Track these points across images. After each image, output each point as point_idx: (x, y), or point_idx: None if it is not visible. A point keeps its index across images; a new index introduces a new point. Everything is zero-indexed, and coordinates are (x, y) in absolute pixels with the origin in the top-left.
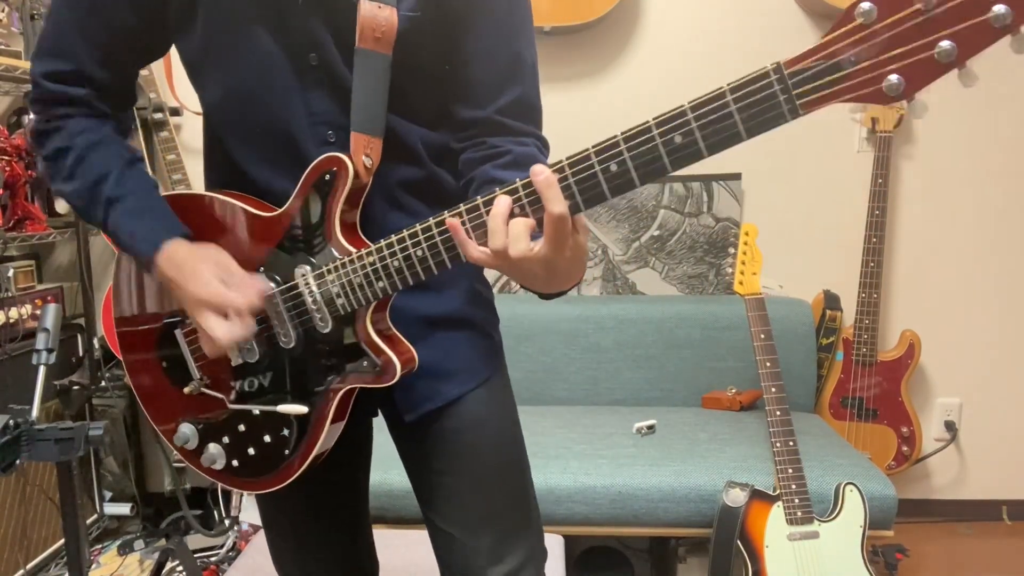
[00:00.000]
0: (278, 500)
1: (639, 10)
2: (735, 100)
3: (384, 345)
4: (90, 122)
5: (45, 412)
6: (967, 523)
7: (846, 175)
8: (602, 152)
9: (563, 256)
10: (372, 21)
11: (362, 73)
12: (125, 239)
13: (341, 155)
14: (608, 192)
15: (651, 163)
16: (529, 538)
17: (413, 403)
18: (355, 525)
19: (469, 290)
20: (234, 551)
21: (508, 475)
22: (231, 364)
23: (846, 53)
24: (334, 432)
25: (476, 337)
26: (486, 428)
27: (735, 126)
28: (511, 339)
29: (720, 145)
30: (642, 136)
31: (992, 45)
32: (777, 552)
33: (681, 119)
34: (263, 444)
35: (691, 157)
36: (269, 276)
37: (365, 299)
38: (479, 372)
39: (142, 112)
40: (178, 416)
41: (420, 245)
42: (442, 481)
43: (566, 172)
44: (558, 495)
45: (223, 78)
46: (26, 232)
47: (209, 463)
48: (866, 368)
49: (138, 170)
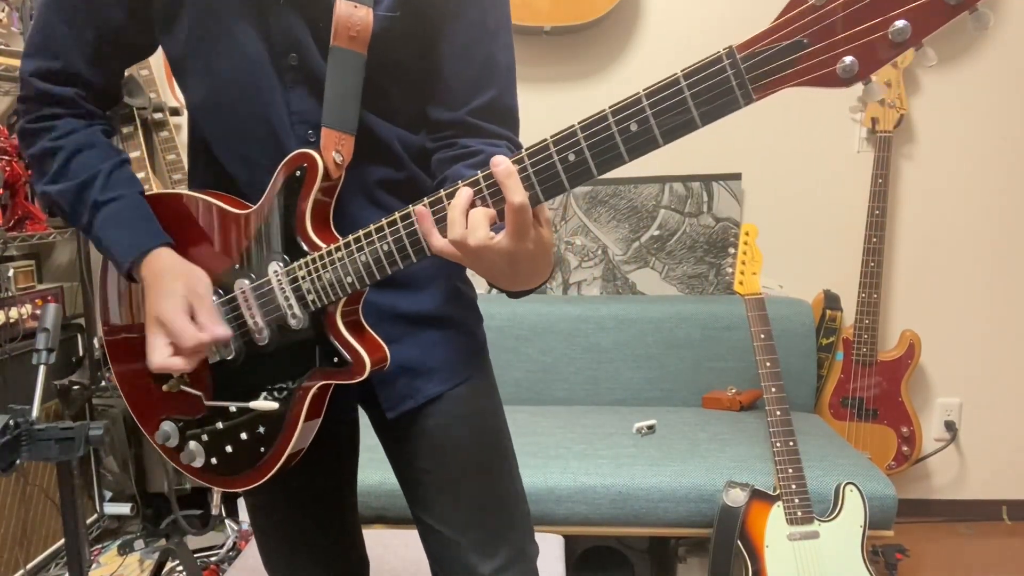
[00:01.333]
0: (264, 499)
1: (639, 10)
2: (689, 86)
3: (354, 341)
4: (78, 123)
5: (45, 412)
6: (967, 523)
7: (846, 175)
8: (560, 142)
9: (525, 248)
10: (347, 20)
11: (335, 70)
12: (108, 244)
13: (311, 151)
14: (567, 182)
15: (607, 152)
16: (517, 534)
17: (394, 401)
18: (342, 524)
19: (450, 289)
20: (234, 551)
21: (492, 472)
22: (208, 362)
23: (798, 35)
24: (308, 430)
25: (457, 336)
26: (468, 426)
27: (689, 112)
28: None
29: (674, 132)
30: (598, 125)
31: (948, 23)
32: (777, 552)
33: (636, 107)
34: (240, 441)
35: (646, 145)
36: (244, 274)
37: (335, 294)
38: (460, 370)
39: (142, 112)
40: (160, 414)
41: (386, 239)
42: (427, 479)
43: (525, 163)
44: (558, 495)
45: (206, 78)
46: (26, 232)
47: (188, 460)
48: (866, 368)
49: (125, 173)
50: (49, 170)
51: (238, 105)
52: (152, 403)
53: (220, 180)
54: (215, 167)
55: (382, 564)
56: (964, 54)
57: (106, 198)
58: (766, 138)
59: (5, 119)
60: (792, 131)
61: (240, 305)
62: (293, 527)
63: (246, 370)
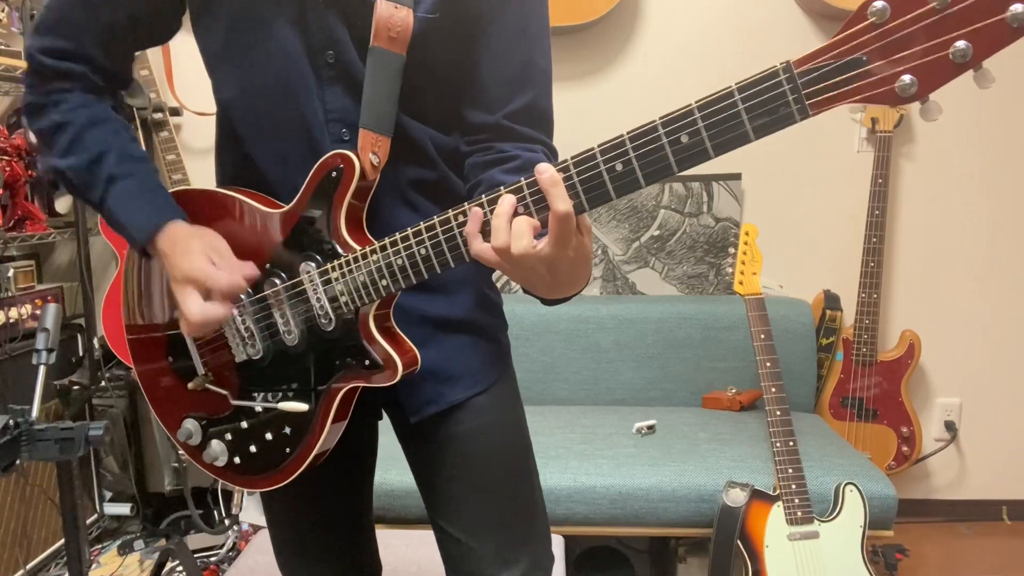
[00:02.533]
0: (282, 501)
1: (639, 10)
2: (743, 100)
3: (387, 344)
4: (88, 97)
5: (45, 412)
6: (967, 523)
7: (846, 175)
8: (607, 152)
9: (566, 256)
10: (388, 21)
11: (374, 71)
12: (124, 217)
13: (348, 152)
14: (613, 192)
15: (656, 163)
16: (536, 544)
17: (418, 405)
18: (358, 528)
19: (479, 294)
20: (234, 551)
21: (516, 482)
22: (235, 361)
23: (857, 53)
24: (335, 432)
25: (483, 341)
26: (493, 434)
27: (742, 126)
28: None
29: (727, 145)
30: (648, 136)
31: (1009, 45)
32: (777, 552)
33: (688, 119)
34: (264, 442)
35: (697, 157)
36: (275, 272)
37: (368, 297)
38: (485, 376)
39: (142, 112)
40: (182, 412)
41: (424, 243)
42: (450, 487)
43: (571, 171)
44: (558, 495)
45: (241, 72)
46: (26, 232)
47: (211, 460)
48: (866, 368)
49: (137, 149)
50: (59, 144)
51: (273, 100)
52: (175, 402)
53: (250, 177)
54: (246, 164)
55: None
56: None
57: (121, 172)
58: (766, 138)
59: (5, 119)
60: (792, 131)
61: (271, 304)
62: (309, 529)
63: (273, 370)
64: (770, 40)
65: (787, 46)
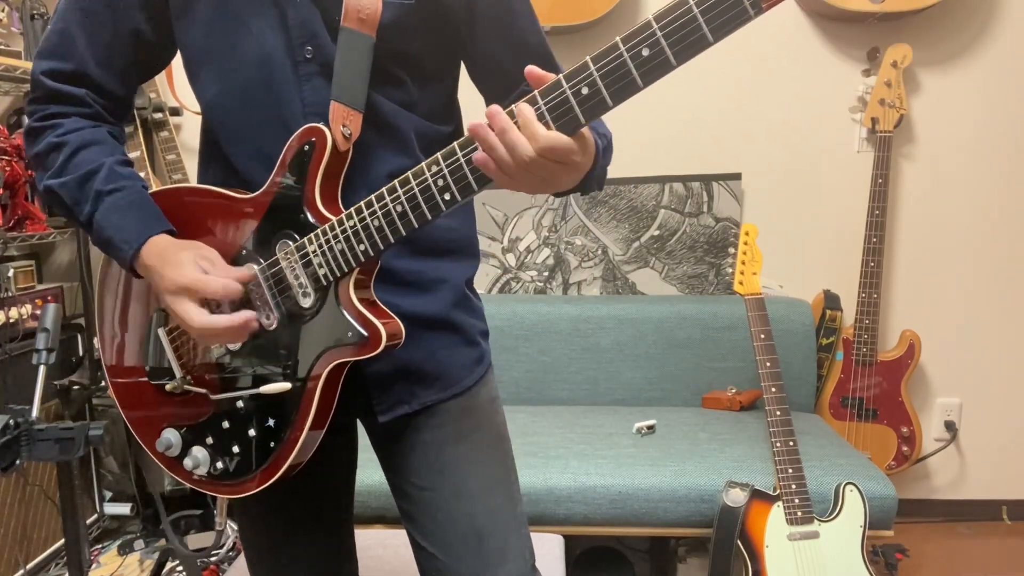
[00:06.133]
0: (256, 511)
1: (639, 10)
2: (697, 3)
3: (369, 313)
4: (85, 122)
5: (45, 412)
6: (967, 523)
7: (846, 175)
8: (572, 77)
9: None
10: (356, 3)
11: (345, 50)
12: (110, 232)
13: (319, 125)
14: (582, 116)
15: (621, 79)
16: (514, 561)
17: (389, 403)
18: (336, 533)
19: (459, 294)
20: (234, 551)
21: (490, 496)
22: (213, 355)
23: None
24: (323, 413)
25: (461, 343)
26: (467, 444)
27: (700, 29)
28: (511, 339)
29: (687, 52)
30: (610, 55)
31: None
32: (777, 552)
33: (647, 32)
34: (248, 439)
35: (660, 68)
36: (252, 258)
37: (347, 264)
38: (460, 381)
39: (142, 112)
40: (161, 423)
41: (399, 200)
42: (422, 497)
43: (539, 102)
44: (558, 495)
45: (220, 72)
46: (26, 232)
47: (192, 468)
48: (866, 368)
49: (128, 169)
50: (53, 165)
51: (251, 98)
52: (153, 412)
53: (230, 177)
54: (224, 164)
55: (382, 564)
56: (964, 54)
57: (109, 188)
58: (766, 138)
59: (5, 119)
60: (792, 131)
61: (250, 290)
62: (283, 537)
63: (254, 358)
64: (769, 40)
65: (787, 46)
